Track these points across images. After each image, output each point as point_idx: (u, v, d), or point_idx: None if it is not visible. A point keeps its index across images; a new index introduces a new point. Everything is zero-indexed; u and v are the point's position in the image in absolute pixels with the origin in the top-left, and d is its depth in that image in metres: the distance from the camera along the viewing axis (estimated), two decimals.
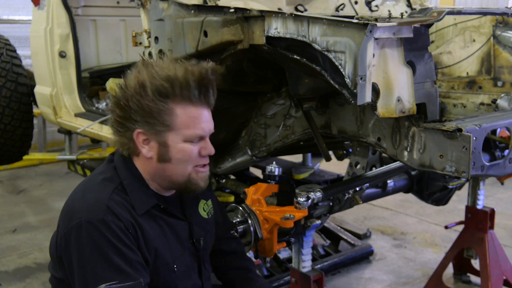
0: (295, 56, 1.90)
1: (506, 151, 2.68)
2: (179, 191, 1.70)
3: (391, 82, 1.71)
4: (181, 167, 1.62)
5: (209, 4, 2.35)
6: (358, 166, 2.69)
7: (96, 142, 4.94)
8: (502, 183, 3.52)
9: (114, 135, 1.65)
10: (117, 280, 1.47)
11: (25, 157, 5.14)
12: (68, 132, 4.48)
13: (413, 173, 2.93)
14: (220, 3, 2.34)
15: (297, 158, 4.52)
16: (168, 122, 1.56)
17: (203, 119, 1.61)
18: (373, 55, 1.65)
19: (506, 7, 2.42)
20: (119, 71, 3.71)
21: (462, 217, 3.33)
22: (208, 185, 1.81)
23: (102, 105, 4.06)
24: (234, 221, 2.09)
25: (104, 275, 1.47)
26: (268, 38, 1.97)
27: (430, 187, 3.04)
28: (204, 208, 1.84)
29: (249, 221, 2.06)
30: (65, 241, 1.54)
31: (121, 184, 1.60)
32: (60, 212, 1.62)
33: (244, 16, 2.07)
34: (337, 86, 1.75)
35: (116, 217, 1.51)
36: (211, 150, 1.66)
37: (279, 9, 2.37)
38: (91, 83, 4.44)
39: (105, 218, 1.50)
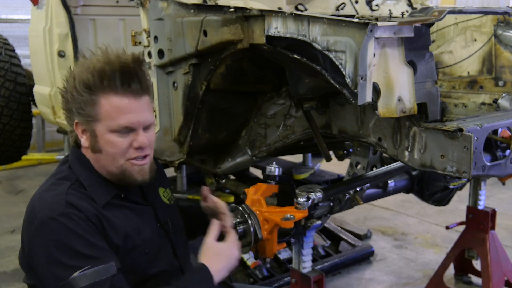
0: (295, 56, 1.89)
1: (508, 151, 2.67)
2: (117, 182, 1.69)
3: (391, 81, 1.69)
4: (112, 159, 1.62)
5: (209, 3, 2.34)
6: (359, 166, 2.68)
7: None
8: (504, 184, 3.49)
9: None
10: (90, 265, 1.47)
11: (24, 157, 5.14)
12: (67, 132, 4.47)
13: (414, 173, 2.92)
14: (220, 3, 2.33)
15: (297, 158, 4.50)
16: (92, 113, 1.59)
17: (127, 110, 1.59)
18: (374, 54, 1.64)
19: (508, 6, 2.41)
20: None
21: (463, 218, 3.32)
22: (163, 174, 1.89)
23: None
24: (234, 222, 2.08)
25: (74, 264, 1.47)
26: (268, 37, 1.96)
27: (431, 187, 3.02)
28: (164, 195, 1.87)
29: (249, 222, 2.04)
30: (31, 245, 1.54)
31: (78, 180, 1.62)
32: (22, 223, 1.62)
33: (244, 16, 2.06)
34: (337, 86, 1.74)
35: (76, 209, 1.52)
36: (142, 141, 1.62)
37: (279, 8, 2.36)
38: None
39: (65, 211, 1.51)
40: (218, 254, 1.69)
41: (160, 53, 2.54)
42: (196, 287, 1.59)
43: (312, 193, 2.14)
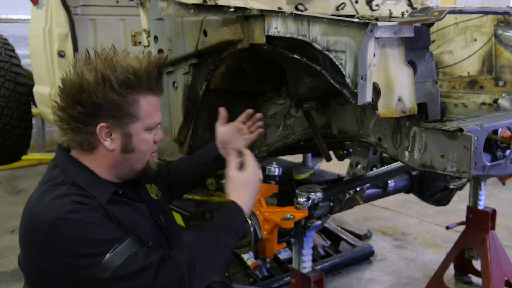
0: (295, 56, 1.89)
1: (508, 151, 2.67)
2: (136, 177, 1.75)
3: (392, 81, 1.69)
4: (143, 155, 1.68)
5: (209, 3, 2.34)
6: (359, 166, 2.68)
7: None
8: (504, 184, 3.50)
9: (68, 133, 1.62)
10: (116, 244, 1.46)
11: (23, 157, 5.14)
12: None
13: (414, 173, 2.92)
14: (220, 2, 2.33)
15: (297, 158, 4.50)
16: (135, 113, 1.60)
17: (158, 107, 1.69)
18: (374, 54, 1.63)
19: (508, 6, 2.41)
20: None
21: (463, 218, 3.32)
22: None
23: None
24: None
25: (101, 250, 1.45)
26: (268, 37, 1.96)
27: (431, 187, 3.02)
28: (152, 191, 1.89)
29: (249, 222, 2.04)
30: (44, 250, 1.48)
31: (74, 183, 1.58)
32: (20, 235, 1.57)
33: (244, 16, 2.06)
34: (337, 86, 1.74)
35: (81, 204, 1.51)
36: (162, 134, 1.75)
37: (279, 8, 2.36)
38: None
39: (72, 208, 1.48)
40: (244, 184, 1.74)
41: (160, 53, 2.54)
42: (230, 225, 1.66)
43: (312, 193, 2.14)
